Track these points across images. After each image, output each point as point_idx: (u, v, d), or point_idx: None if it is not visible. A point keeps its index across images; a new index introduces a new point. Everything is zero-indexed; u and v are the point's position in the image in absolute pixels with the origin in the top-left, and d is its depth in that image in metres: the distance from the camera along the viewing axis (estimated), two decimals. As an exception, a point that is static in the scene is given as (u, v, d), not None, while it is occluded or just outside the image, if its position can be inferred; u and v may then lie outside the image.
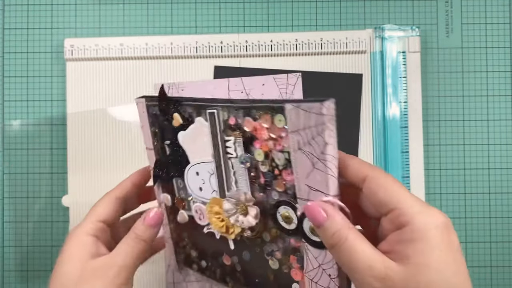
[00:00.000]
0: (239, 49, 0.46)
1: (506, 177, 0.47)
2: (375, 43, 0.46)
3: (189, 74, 0.46)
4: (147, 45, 0.46)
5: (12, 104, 0.48)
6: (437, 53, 0.48)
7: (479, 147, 0.47)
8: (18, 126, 0.47)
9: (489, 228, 0.47)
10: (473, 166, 0.47)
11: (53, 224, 0.47)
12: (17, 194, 0.47)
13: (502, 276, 0.47)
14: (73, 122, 0.46)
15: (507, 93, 0.48)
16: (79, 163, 0.46)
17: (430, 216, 0.24)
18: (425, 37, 0.48)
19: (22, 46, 0.48)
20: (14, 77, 0.48)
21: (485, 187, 0.47)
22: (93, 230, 0.31)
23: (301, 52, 0.46)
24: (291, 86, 0.46)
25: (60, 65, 0.48)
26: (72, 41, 0.46)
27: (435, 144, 0.47)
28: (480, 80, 0.48)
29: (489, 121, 0.47)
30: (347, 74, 0.46)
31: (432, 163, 0.47)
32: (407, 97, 0.46)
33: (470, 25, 0.48)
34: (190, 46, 0.46)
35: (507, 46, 0.48)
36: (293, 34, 0.46)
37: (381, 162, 0.45)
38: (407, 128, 0.46)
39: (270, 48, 0.46)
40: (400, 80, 0.46)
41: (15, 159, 0.47)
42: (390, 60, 0.46)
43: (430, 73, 0.48)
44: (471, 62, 0.48)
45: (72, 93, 0.46)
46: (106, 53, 0.46)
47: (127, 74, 0.47)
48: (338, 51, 0.46)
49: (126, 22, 0.48)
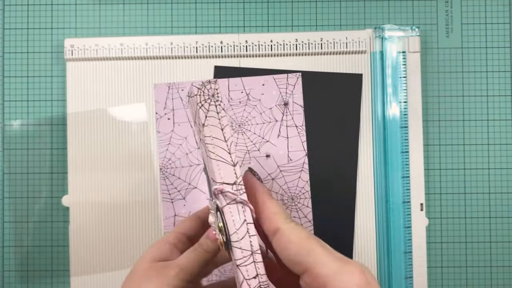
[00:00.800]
0: (239, 49, 0.46)
1: (506, 177, 0.47)
2: (375, 43, 0.46)
3: (189, 74, 0.47)
4: (147, 45, 0.46)
5: (12, 104, 0.48)
6: (437, 53, 0.48)
7: (479, 147, 0.47)
8: (18, 126, 0.47)
9: (489, 228, 0.47)
10: (473, 166, 0.47)
11: (53, 224, 0.47)
12: (17, 194, 0.47)
13: (502, 276, 0.47)
14: (73, 122, 0.46)
15: (507, 93, 0.48)
16: (79, 163, 0.46)
17: (347, 275, 0.23)
18: (425, 37, 0.48)
19: (22, 46, 0.48)
20: (14, 77, 0.48)
21: (485, 187, 0.47)
22: (173, 239, 0.34)
23: (301, 52, 0.46)
24: (291, 86, 0.46)
25: (60, 65, 0.48)
26: (72, 41, 0.46)
27: (435, 144, 0.47)
28: (480, 80, 0.48)
29: (489, 121, 0.47)
30: (347, 74, 0.46)
31: (432, 163, 0.47)
32: (407, 97, 0.46)
33: (470, 25, 0.48)
34: (190, 46, 0.46)
35: (507, 46, 0.48)
36: (293, 34, 0.46)
37: (381, 162, 0.45)
38: (407, 128, 0.46)
39: (270, 48, 0.46)
40: (400, 80, 0.46)
41: (15, 159, 0.47)
42: (390, 60, 0.46)
43: (430, 73, 0.48)
44: (471, 62, 0.48)
45: (72, 93, 0.46)
46: (106, 53, 0.46)
47: (127, 74, 0.47)
48: (338, 51, 0.46)
49: (126, 22, 0.48)
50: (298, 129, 0.46)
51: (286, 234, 0.24)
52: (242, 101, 0.46)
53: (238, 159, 0.25)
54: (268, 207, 0.26)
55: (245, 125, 0.46)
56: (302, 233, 0.24)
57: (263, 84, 0.46)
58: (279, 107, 0.46)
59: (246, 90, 0.46)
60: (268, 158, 0.45)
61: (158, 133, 0.46)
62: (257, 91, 0.46)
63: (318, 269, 0.23)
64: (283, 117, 0.46)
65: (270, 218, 0.25)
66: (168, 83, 0.46)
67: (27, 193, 0.47)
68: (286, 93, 0.46)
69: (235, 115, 0.46)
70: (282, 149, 0.46)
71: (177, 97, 0.46)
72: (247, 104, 0.46)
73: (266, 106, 0.46)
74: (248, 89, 0.46)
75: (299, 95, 0.46)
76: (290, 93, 0.46)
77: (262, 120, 0.46)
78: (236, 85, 0.46)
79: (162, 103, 0.46)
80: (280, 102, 0.46)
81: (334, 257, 0.23)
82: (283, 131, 0.46)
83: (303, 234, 0.24)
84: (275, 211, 0.26)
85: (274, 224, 0.25)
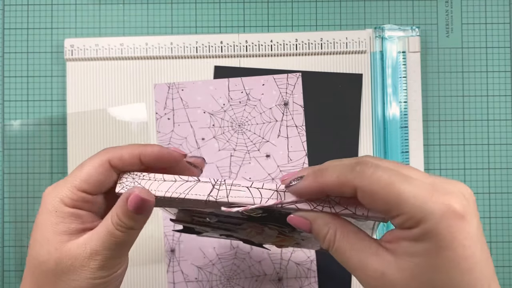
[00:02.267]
0: (239, 49, 0.46)
1: (506, 177, 0.47)
2: (375, 43, 0.46)
3: (189, 74, 0.46)
4: (147, 45, 0.46)
5: (12, 104, 0.48)
6: (437, 53, 0.48)
7: (479, 147, 0.47)
8: (18, 126, 0.47)
9: (489, 228, 0.47)
10: (473, 166, 0.47)
11: (53, 224, 0.47)
12: (17, 194, 0.47)
13: (502, 276, 0.47)
14: (73, 122, 0.46)
15: (507, 93, 0.48)
16: (79, 163, 0.46)
17: (442, 211, 0.21)
18: (425, 37, 0.48)
19: (22, 46, 0.48)
20: (14, 77, 0.48)
21: (485, 187, 0.47)
22: (72, 201, 0.28)
23: (301, 52, 0.46)
24: (291, 86, 0.46)
25: (60, 65, 0.48)
26: (72, 41, 0.46)
27: (435, 144, 0.47)
28: (480, 80, 0.48)
29: (489, 121, 0.47)
30: (347, 74, 0.46)
31: (432, 163, 0.47)
32: (407, 97, 0.46)
33: (470, 25, 0.48)
34: (190, 46, 0.46)
35: (507, 46, 0.48)
36: (293, 34, 0.46)
37: (381, 162, 0.45)
38: (407, 128, 0.46)
39: (270, 48, 0.46)
40: (400, 80, 0.46)
41: (15, 159, 0.47)
42: (390, 60, 0.46)
43: (430, 73, 0.48)
44: (471, 62, 0.48)
45: (72, 93, 0.46)
46: (106, 53, 0.46)
47: (127, 74, 0.47)
48: (338, 51, 0.46)
49: (126, 22, 0.48)
50: (298, 129, 0.46)
51: (368, 188, 0.23)
52: (242, 101, 0.46)
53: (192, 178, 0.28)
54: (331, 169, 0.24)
55: (245, 125, 0.46)
56: (382, 178, 0.22)
57: (263, 84, 0.46)
58: (279, 107, 0.46)
59: (246, 90, 0.46)
60: (268, 158, 0.45)
61: (158, 133, 0.46)
62: (257, 91, 0.46)
63: (410, 213, 0.22)
64: (283, 117, 0.46)
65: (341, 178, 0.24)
66: (168, 83, 0.46)
67: (27, 193, 0.47)
68: (286, 93, 0.46)
69: (235, 115, 0.46)
70: (282, 149, 0.46)
71: (177, 97, 0.46)
72: (247, 104, 0.46)
73: (266, 106, 0.46)
74: (248, 89, 0.46)
75: (299, 95, 0.46)
76: (290, 93, 0.46)
77: (262, 120, 0.46)
78: (236, 85, 0.46)
79: (162, 103, 0.46)
80: (280, 102, 0.46)
81: (425, 191, 0.22)
82: (283, 131, 0.46)
83: (382, 179, 0.22)
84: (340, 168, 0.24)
85: (349, 182, 0.23)
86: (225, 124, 0.46)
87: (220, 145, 0.46)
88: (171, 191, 0.28)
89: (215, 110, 0.46)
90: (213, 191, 0.27)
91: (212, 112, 0.46)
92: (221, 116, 0.46)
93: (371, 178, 0.23)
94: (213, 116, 0.46)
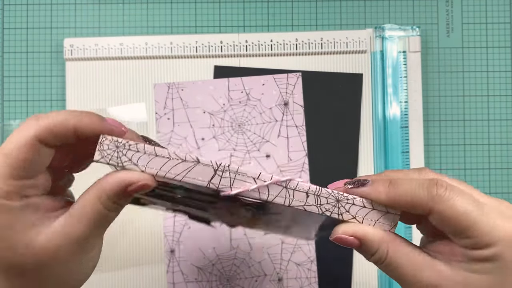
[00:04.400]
0: (239, 49, 0.46)
1: (507, 177, 0.47)
2: (376, 42, 0.46)
3: (189, 74, 0.46)
4: (147, 45, 0.46)
5: (12, 104, 0.47)
6: (438, 52, 0.48)
7: (479, 147, 0.47)
8: (18, 126, 0.47)
9: (490, 228, 0.47)
10: (473, 166, 0.47)
11: (53, 224, 0.47)
12: (17, 194, 0.47)
13: (502, 277, 0.46)
14: (73, 122, 0.46)
15: (507, 93, 0.47)
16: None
17: (510, 238, 0.23)
18: (425, 37, 0.48)
19: (22, 46, 0.48)
20: (14, 77, 0.48)
21: (486, 187, 0.47)
22: (14, 194, 0.24)
23: (301, 52, 0.46)
24: (291, 86, 0.46)
25: (60, 65, 0.48)
26: (71, 41, 0.46)
27: (435, 144, 0.47)
28: (481, 80, 0.48)
29: (489, 121, 0.47)
30: (347, 74, 0.46)
31: (432, 163, 0.47)
32: (407, 97, 0.46)
33: (471, 24, 0.48)
34: (190, 46, 0.46)
35: (507, 46, 0.48)
36: (293, 34, 0.46)
37: (381, 162, 0.45)
38: (407, 128, 0.46)
39: (270, 48, 0.46)
40: (401, 80, 0.46)
41: (14, 159, 0.47)
42: (390, 60, 0.46)
43: (431, 72, 0.48)
44: (472, 62, 0.48)
45: (72, 93, 0.46)
46: (106, 53, 0.46)
47: (127, 74, 0.46)
48: (338, 51, 0.46)
49: (126, 22, 0.48)
50: (298, 129, 0.46)
51: (443, 211, 0.23)
52: (242, 101, 0.46)
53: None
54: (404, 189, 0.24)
55: (245, 125, 0.46)
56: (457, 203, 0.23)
57: (263, 84, 0.46)
58: (279, 107, 0.46)
59: (246, 90, 0.46)
60: (268, 158, 0.45)
61: (158, 133, 0.46)
62: (257, 91, 0.46)
63: (480, 237, 0.23)
64: (283, 117, 0.46)
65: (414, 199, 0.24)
66: (168, 83, 0.46)
67: (27, 193, 0.47)
68: (286, 93, 0.46)
69: (235, 115, 0.46)
70: (282, 149, 0.45)
71: (177, 97, 0.46)
72: (247, 104, 0.46)
73: (266, 106, 0.46)
74: (248, 89, 0.46)
75: (299, 95, 0.46)
76: (290, 93, 0.46)
77: (262, 120, 0.46)
78: (236, 85, 0.46)
79: (162, 103, 0.46)
80: (280, 102, 0.46)
81: (495, 219, 0.23)
82: (283, 131, 0.46)
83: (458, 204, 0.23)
84: (413, 188, 0.24)
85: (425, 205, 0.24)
86: (225, 124, 0.46)
87: (220, 145, 0.46)
88: (165, 170, 0.24)
89: (215, 110, 0.46)
90: (215, 178, 0.24)
91: (212, 112, 0.46)
92: (221, 116, 0.46)
93: (447, 204, 0.23)
94: (213, 116, 0.46)
